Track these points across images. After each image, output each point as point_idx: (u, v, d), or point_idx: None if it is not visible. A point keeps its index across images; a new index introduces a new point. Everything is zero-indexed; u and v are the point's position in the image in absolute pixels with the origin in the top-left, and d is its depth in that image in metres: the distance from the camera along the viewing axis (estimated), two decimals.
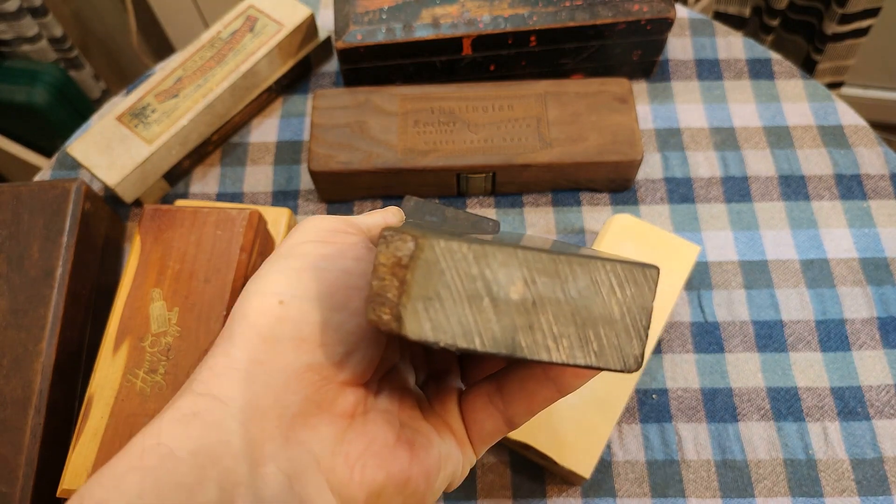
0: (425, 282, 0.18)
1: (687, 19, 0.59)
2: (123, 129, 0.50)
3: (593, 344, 0.19)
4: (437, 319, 0.19)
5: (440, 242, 0.18)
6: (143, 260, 0.42)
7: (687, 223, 0.50)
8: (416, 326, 0.18)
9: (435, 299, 0.18)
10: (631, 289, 0.19)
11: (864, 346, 0.46)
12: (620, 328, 0.19)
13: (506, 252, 0.19)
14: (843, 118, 0.54)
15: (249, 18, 0.54)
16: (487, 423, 0.24)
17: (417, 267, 0.18)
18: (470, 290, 0.19)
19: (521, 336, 0.19)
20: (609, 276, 0.19)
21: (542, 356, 0.19)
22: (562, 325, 0.19)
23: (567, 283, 0.19)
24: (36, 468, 0.39)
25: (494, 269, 0.19)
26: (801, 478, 0.42)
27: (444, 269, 0.18)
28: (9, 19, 0.88)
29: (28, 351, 0.41)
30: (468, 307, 0.19)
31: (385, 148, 0.49)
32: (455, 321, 0.19)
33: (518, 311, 0.19)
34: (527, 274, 0.19)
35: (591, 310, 0.19)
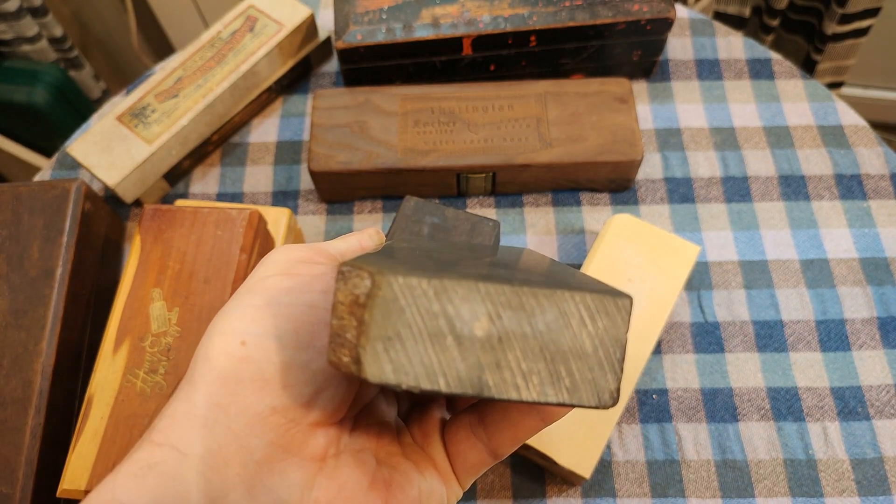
0: (384, 321, 0.17)
1: (687, 19, 0.59)
2: (123, 129, 0.50)
3: (565, 380, 0.18)
4: (398, 360, 0.17)
5: (398, 279, 0.17)
6: (143, 260, 0.42)
7: (687, 223, 0.50)
8: (376, 369, 0.17)
9: (395, 339, 0.17)
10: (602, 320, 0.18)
11: (864, 346, 0.46)
12: (593, 362, 0.18)
13: (467, 286, 0.17)
14: (843, 118, 0.54)
15: (249, 18, 0.54)
16: (471, 454, 0.23)
17: (375, 305, 0.17)
18: (432, 327, 0.18)
19: (487, 375, 0.18)
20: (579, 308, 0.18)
21: (512, 395, 0.18)
22: (530, 362, 0.18)
23: (534, 317, 0.18)
24: (36, 468, 0.39)
25: (457, 305, 0.18)
26: (801, 478, 0.42)
27: (403, 306, 0.17)
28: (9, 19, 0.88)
29: (28, 351, 0.41)
30: (431, 346, 0.18)
31: (385, 148, 0.49)
32: (417, 361, 0.18)
33: (483, 349, 0.18)
34: (491, 308, 0.18)
35: (561, 344, 0.18)
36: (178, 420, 0.20)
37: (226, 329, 0.21)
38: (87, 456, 0.37)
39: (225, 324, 0.21)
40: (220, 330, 0.21)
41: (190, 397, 0.20)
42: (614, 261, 0.44)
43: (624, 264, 0.44)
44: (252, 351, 0.20)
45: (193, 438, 0.19)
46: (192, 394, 0.20)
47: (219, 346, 0.21)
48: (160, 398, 0.38)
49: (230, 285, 0.41)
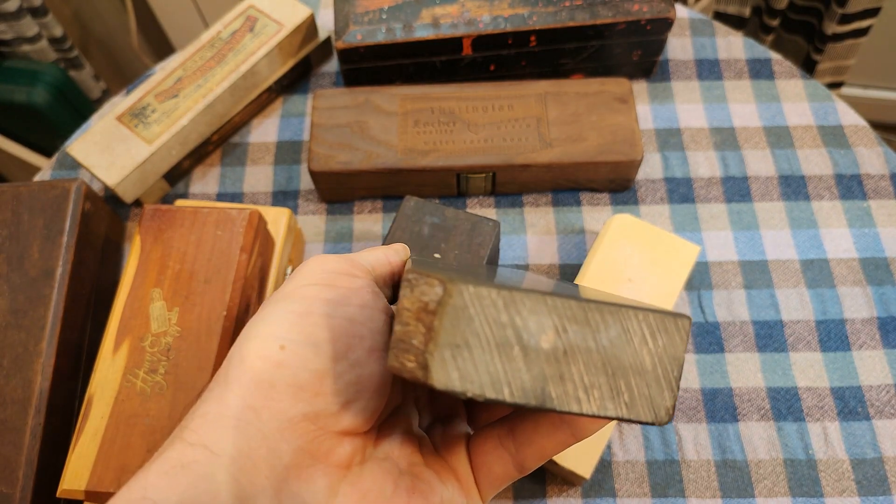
0: (454, 329, 0.18)
1: (687, 19, 0.59)
2: (123, 129, 0.50)
3: (624, 395, 0.19)
4: (465, 368, 0.18)
5: (469, 288, 0.18)
6: (143, 260, 0.42)
7: (687, 223, 0.50)
8: (443, 376, 0.18)
9: (463, 347, 0.18)
10: (663, 338, 0.19)
11: (864, 346, 0.46)
12: (651, 378, 0.19)
13: (535, 299, 0.18)
14: (843, 118, 0.54)
15: (249, 18, 0.54)
16: (497, 466, 0.23)
17: (446, 313, 0.18)
18: (500, 337, 0.18)
19: (551, 387, 0.18)
20: (641, 326, 0.18)
21: (573, 408, 0.18)
22: (593, 376, 0.18)
23: (598, 332, 0.18)
24: (36, 468, 0.39)
25: (525, 317, 0.18)
26: (801, 478, 0.42)
27: (472, 315, 0.18)
28: (9, 19, 0.88)
29: (28, 351, 0.41)
30: (497, 356, 0.18)
31: (385, 148, 0.49)
32: (484, 370, 0.18)
33: (548, 361, 0.18)
34: (557, 322, 0.18)
35: (622, 359, 0.18)
36: (211, 420, 0.20)
37: (264, 333, 0.21)
38: (87, 456, 0.37)
39: (263, 327, 0.21)
40: (257, 333, 0.21)
41: (223, 398, 0.20)
42: (614, 261, 0.44)
43: (624, 264, 0.44)
44: (289, 357, 0.21)
45: (225, 439, 0.20)
46: (225, 394, 0.20)
47: (255, 349, 0.21)
48: (160, 398, 0.38)
49: (230, 285, 0.41)
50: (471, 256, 0.40)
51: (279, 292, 0.23)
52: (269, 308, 0.22)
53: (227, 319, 0.40)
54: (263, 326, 0.21)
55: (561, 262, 0.49)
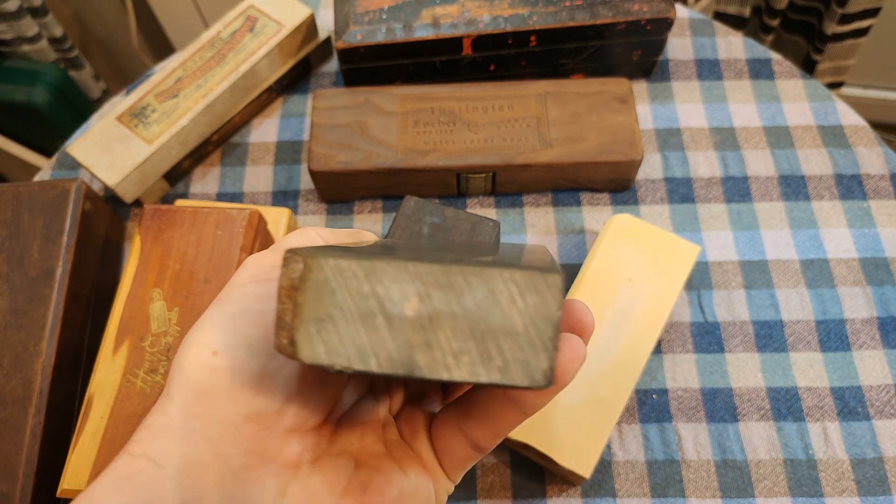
0: (316, 303, 0.18)
1: (687, 19, 0.59)
2: (123, 129, 0.50)
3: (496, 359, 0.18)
4: (330, 342, 0.18)
5: (329, 261, 0.18)
6: (143, 260, 0.42)
7: (687, 223, 0.50)
8: (309, 350, 0.18)
9: (327, 321, 0.18)
10: (532, 297, 0.17)
11: (864, 346, 0.46)
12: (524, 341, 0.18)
13: (396, 267, 0.18)
14: (843, 118, 0.54)
15: (249, 18, 0.54)
16: (457, 449, 0.23)
17: (308, 288, 0.18)
18: (363, 308, 0.18)
19: (418, 355, 0.18)
20: (507, 286, 0.18)
21: (443, 375, 0.18)
22: (461, 341, 0.18)
23: (463, 296, 0.18)
24: (36, 468, 0.39)
25: (387, 286, 0.18)
26: (801, 478, 0.42)
27: (335, 288, 0.18)
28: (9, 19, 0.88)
29: (28, 351, 0.41)
30: (362, 327, 0.18)
31: (385, 148, 0.49)
32: (349, 342, 0.18)
33: (414, 329, 0.18)
34: (421, 288, 0.18)
35: (491, 322, 0.18)
36: (154, 432, 0.20)
37: (198, 340, 0.21)
38: (88, 455, 0.37)
39: (198, 335, 0.21)
40: (192, 341, 0.21)
41: (165, 409, 0.21)
42: (614, 261, 0.44)
43: (624, 264, 0.44)
44: (223, 361, 0.21)
45: (169, 450, 0.20)
46: (167, 406, 0.21)
47: (191, 357, 0.21)
48: None
49: None
50: None
51: (218, 297, 0.23)
52: (206, 314, 0.22)
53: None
54: (198, 334, 0.21)
55: (561, 261, 0.49)
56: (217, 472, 0.20)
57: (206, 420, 0.20)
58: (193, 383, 0.21)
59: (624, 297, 0.43)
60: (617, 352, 0.42)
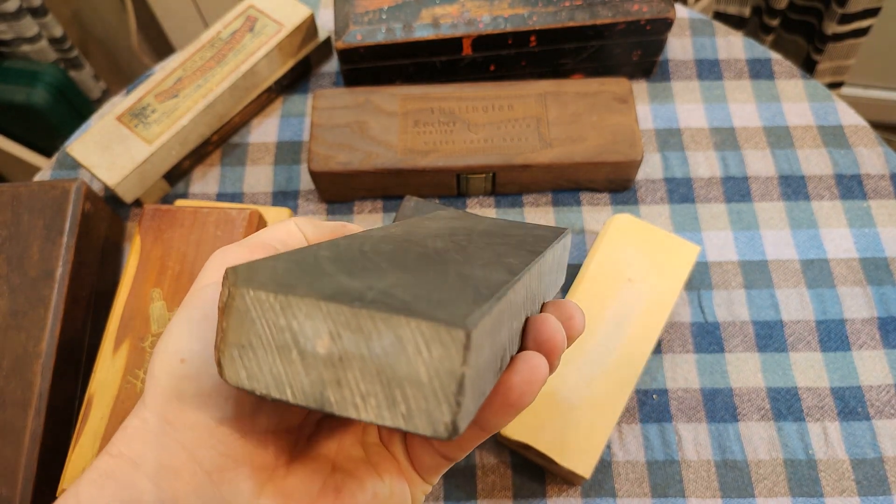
0: (239, 329, 0.18)
1: (687, 19, 0.59)
2: (123, 129, 0.50)
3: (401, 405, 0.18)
4: (251, 368, 0.18)
5: (249, 291, 0.18)
6: (143, 260, 0.42)
7: (687, 223, 0.50)
8: (233, 373, 0.19)
9: (248, 347, 0.18)
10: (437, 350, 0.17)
11: (864, 346, 0.46)
12: (428, 391, 0.18)
13: (309, 304, 0.18)
14: (843, 118, 0.54)
15: (249, 18, 0.54)
16: (426, 457, 0.24)
17: (231, 314, 0.18)
18: (279, 340, 0.18)
19: (329, 391, 0.18)
20: (414, 335, 0.17)
21: (351, 413, 0.18)
22: (368, 383, 0.18)
23: (371, 340, 0.18)
24: (36, 469, 0.39)
25: (301, 321, 0.18)
26: (801, 478, 0.42)
27: (254, 318, 0.18)
28: (9, 19, 0.88)
29: (28, 352, 0.41)
30: (278, 358, 0.18)
31: (385, 148, 0.49)
32: (267, 371, 0.18)
33: (325, 366, 0.18)
34: (332, 328, 0.18)
35: (397, 369, 0.18)
36: (131, 434, 0.21)
37: (167, 347, 0.21)
38: (88, 456, 0.37)
39: (167, 342, 0.22)
40: (162, 348, 0.22)
41: (141, 413, 0.21)
42: (614, 261, 0.44)
43: (624, 264, 0.44)
44: (190, 368, 0.21)
45: (145, 451, 0.20)
46: (142, 410, 0.21)
47: (160, 364, 0.21)
48: None
49: None
50: None
51: (185, 299, 0.23)
52: (174, 319, 0.22)
53: None
54: (167, 340, 0.22)
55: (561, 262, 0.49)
56: (192, 474, 0.21)
57: (178, 425, 0.21)
58: (164, 390, 0.21)
59: (624, 297, 0.43)
60: (617, 352, 0.42)
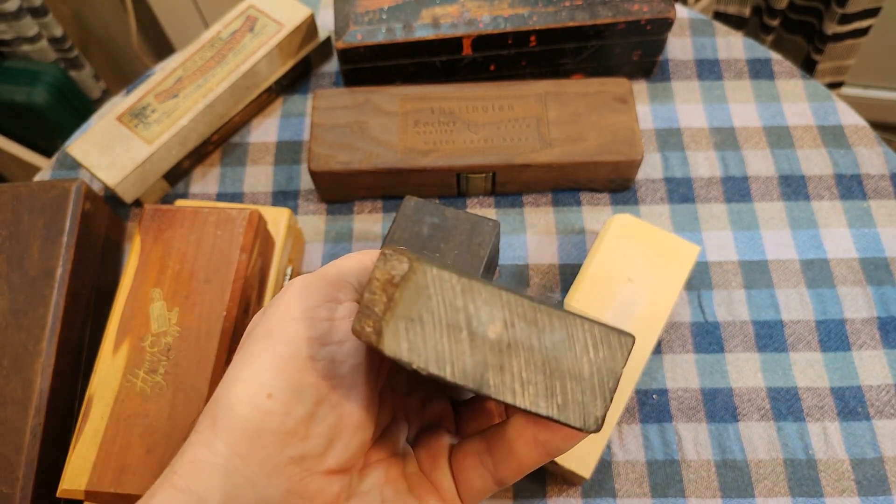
0: (411, 303, 0.19)
1: (687, 19, 0.59)
2: (123, 129, 0.50)
3: (558, 397, 0.19)
4: (414, 341, 0.19)
5: (432, 269, 0.19)
6: (143, 260, 0.42)
7: (687, 223, 0.50)
8: (393, 343, 0.19)
9: (417, 321, 0.19)
10: (604, 351, 0.19)
11: (864, 346, 0.46)
12: (587, 386, 0.19)
13: (490, 291, 0.19)
14: (843, 118, 0.54)
15: (249, 18, 0.54)
16: (477, 482, 0.24)
17: (407, 287, 0.19)
18: (451, 319, 0.19)
19: (490, 374, 0.19)
20: (585, 335, 0.19)
21: (507, 398, 0.19)
22: (531, 372, 0.19)
23: (543, 333, 0.19)
24: (36, 468, 0.39)
25: (478, 305, 0.19)
26: (801, 478, 0.42)
27: (431, 294, 0.19)
28: (9, 19, 0.88)
29: (28, 351, 0.41)
30: (446, 336, 0.19)
31: (385, 148, 0.49)
32: (431, 346, 0.19)
33: (492, 350, 0.19)
34: (507, 316, 0.19)
35: (562, 363, 0.19)
36: (198, 467, 0.21)
37: (251, 379, 0.21)
38: (88, 456, 0.37)
39: (250, 372, 0.22)
40: (244, 378, 0.22)
41: (211, 444, 0.21)
42: (614, 261, 0.44)
43: (624, 264, 0.44)
44: (276, 405, 0.21)
45: (213, 486, 0.20)
46: (213, 441, 0.21)
47: (243, 396, 0.21)
48: (160, 398, 0.38)
49: (230, 285, 0.41)
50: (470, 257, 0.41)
51: (261, 327, 0.23)
52: (255, 348, 0.22)
53: (227, 320, 0.40)
54: (250, 371, 0.22)
55: (561, 262, 0.49)
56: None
57: (250, 461, 0.21)
58: (243, 424, 0.21)
59: (624, 297, 0.43)
60: None
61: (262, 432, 0.21)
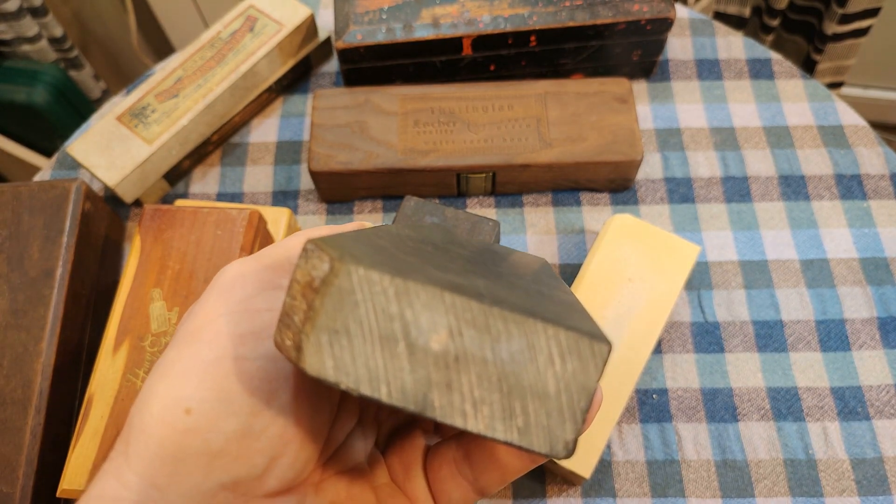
0: (335, 312, 0.16)
1: (687, 19, 0.59)
2: (123, 129, 0.50)
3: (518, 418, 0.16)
4: (341, 358, 0.16)
5: (359, 269, 0.16)
6: (143, 260, 0.42)
7: (687, 223, 0.50)
8: (316, 362, 0.16)
9: (343, 334, 0.16)
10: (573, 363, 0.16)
11: (864, 346, 0.46)
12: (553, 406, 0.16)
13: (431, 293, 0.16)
14: (843, 118, 0.54)
15: (249, 18, 0.54)
16: (455, 492, 0.21)
17: (329, 293, 0.16)
18: (385, 330, 0.16)
19: (435, 394, 0.16)
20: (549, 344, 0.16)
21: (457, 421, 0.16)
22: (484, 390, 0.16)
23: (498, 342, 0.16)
24: (36, 468, 0.39)
25: (417, 311, 0.16)
26: (801, 478, 0.42)
27: (358, 300, 0.16)
28: (9, 19, 0.88)
29: (28, 351, 0.41)
30: (380, 350, 0.16)
31: (385, 148, 0.49)
32: (362, 363, 0.16)
33: (436, 365, 0.16)
34: (453, 323, 0.16)
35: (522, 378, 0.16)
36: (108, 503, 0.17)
37: (166, 393, 0.18)
38: (88, 455, 0.37)
39: (165, 386, 0.18)
40: (159, 392, 0.18)
41: (122, 475, 0.17)
42: (614, 261, 0.44)
43: (624, 264, 0.44)
44: (198, 421, 0.17)
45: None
46: (124, 471, 0.17)
47: (157, 413, 0.17)
48: None
49: None
50: None
51: (185, 326, 0.19)
52: (173, 354, 0.18)
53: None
54: (165, 384, 0.18)
55: (561, 262, 0.49)
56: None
57: (169, 492, 0.17)
58: (159, 447, 0.17)
59: (624, 297, 0.43)
60: (617, 352, 0.42)
61: (182, 456, 0.17)
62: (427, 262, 0.18)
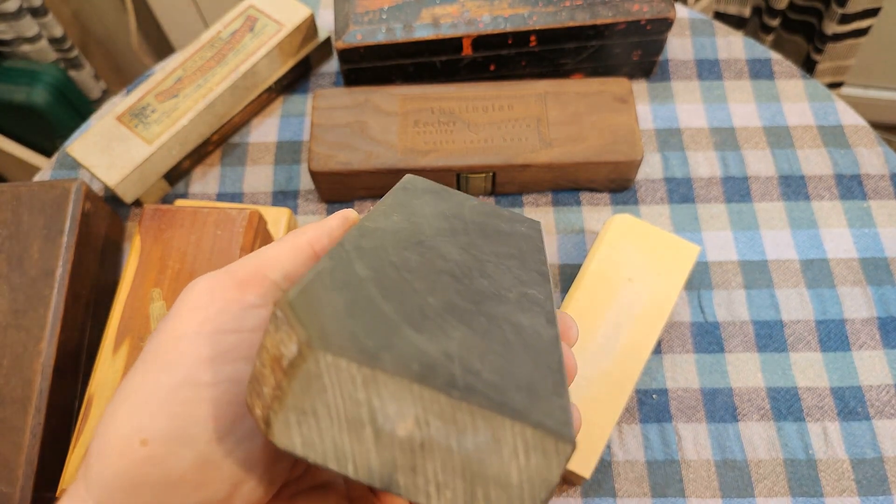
0: (303, 394, 0.16)
1: (687, 19, 0.59)
2: (123, 129, 0.50)
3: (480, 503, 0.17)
4: (308, 435, 0.16)
5: (327, 357, 0.16)
6: (143, 260, 0.42)
7: (687, 223, 0.50)
8: (284, 437, 0.16)
9: (310, 415, 0.16)
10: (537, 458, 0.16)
11: (864, 346, 0.46)
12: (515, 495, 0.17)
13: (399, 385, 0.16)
14: (843, 118, 0.54)
15: (249, 18, 0.54)
16: None
17: (296, 376, 0.16)
18: (352, 414, 0.16)
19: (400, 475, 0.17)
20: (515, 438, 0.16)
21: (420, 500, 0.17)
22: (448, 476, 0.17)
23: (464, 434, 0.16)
24: (36, 468, 0.39)
25: (384, 400, 0.16)
26: (801, 478, 0.42)
27: (326, 385, 0.16)
28: (9, 19, 0.88)
29: (28, 351, 0.41)
30: (346, 432, 0.16)
31: (385, 148, 0.49)
32: (329, 441, 0.16)
33: (402, 449, 0.16)
34: (420, 413, 0.16)
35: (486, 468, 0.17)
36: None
37: (124, 421, 0.17)
38: None
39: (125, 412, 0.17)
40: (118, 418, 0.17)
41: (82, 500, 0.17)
42: (614, 261, 0.44)
43: (624, 264, 0.44)
44: (155, 451, 0.17)
45: None
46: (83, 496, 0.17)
47: (114, 444, 0.17)
48: None
49: None
50: None
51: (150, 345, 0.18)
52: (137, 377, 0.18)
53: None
54: (125, 410, 0.17)
55: (561, 262, 0.49)
56: None
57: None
58: (115, 477, 0.17)
59: (624, 297, 0.43)
60: (617, 352, 0.42)
61: (139, 485, 0.17)
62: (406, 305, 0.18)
